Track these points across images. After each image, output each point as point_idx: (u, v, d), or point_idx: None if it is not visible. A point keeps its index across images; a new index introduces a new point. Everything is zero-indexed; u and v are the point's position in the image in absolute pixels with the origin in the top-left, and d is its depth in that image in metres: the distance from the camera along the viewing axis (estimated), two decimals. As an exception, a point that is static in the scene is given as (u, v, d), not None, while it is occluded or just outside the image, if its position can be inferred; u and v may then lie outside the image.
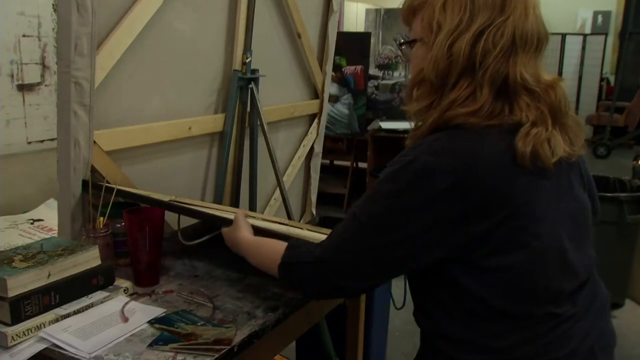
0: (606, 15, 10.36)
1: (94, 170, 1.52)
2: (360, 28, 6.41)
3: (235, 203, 2.15)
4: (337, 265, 1.05)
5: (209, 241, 1.72)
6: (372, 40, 5.54)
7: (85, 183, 1.50)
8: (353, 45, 5.26)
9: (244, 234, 1.34)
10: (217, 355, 1.10)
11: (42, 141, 2.41)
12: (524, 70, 0.98)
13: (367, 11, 5.92)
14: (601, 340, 1.07)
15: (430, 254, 0.99)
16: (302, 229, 1.71)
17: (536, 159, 0.96)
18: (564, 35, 9.02)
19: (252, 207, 2.17)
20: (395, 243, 0.98)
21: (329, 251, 1.06)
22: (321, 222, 2.30)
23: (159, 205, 1.48)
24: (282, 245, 1.19)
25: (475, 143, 0.96)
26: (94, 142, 1.50)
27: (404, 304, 1.67)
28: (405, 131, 5.00)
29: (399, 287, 1.61)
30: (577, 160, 1.09)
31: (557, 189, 1.03)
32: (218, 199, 2.05)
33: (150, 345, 1.13)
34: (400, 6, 1.13)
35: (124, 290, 1.34)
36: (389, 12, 5.63)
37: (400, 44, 1.12)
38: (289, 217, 2.21)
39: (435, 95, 1.01)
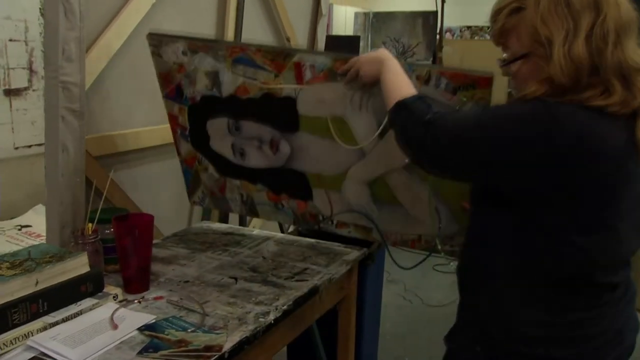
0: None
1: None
2: (349, 31, 6.43)
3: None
4: (436, 133, 1.12)
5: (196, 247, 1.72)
6: (361, 43, 5.55)
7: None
8: (342, 49, 5.27)
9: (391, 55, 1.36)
10: (207, 362, 1.09)
11: (29, 146, 2.39)
12: (633, 55, 1.04)
13: (356, 14, 5.93)
14: (629, 323, 1.20)
15: (499, 180, 1.09)
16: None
17: None
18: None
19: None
20: (493, 151, 1.05)
21: (440, 118, 1.13)
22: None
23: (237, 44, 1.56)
24: (413, 89, 1.25)
25: (596, 122, 1.02)
26: (82, 147, 1.49)
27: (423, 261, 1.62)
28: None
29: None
30: None
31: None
32: (208, 204, 2.03)
33: (140, 352, 1.11)
34: (390, 10, 1.16)
35: (113, 297, 1.32)
36: (377, 15, 5.65)
37: (506, 63, 1.16)
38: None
39: (569, 95, 1.05)
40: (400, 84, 1.27)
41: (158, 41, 1.59)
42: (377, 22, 5.60)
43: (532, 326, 1.12)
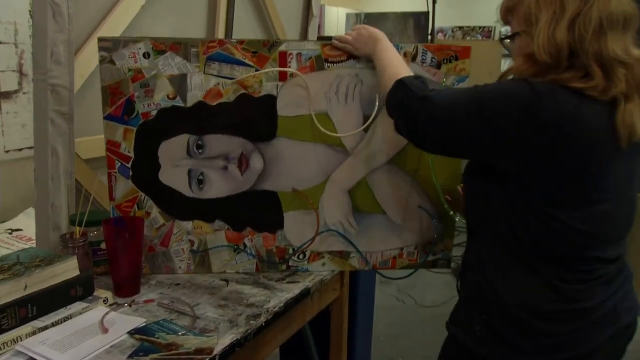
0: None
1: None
2: (341, 32, 6.43)
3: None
4: (431, 108, 1.18)
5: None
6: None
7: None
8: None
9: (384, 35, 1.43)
10: (198, 365, 1.09)
11: (20, 149, 2.38)
12: (615, 47, 1.09)
13: (348, 15, 5.94)
14: (624, 303, 1.23)
15: (487, 155, 1.16)
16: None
17: (631, 136, 1.09)
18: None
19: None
20: (481, 126, 1.11)
21: (436, 95, 1.19)
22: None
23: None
24: (409, 70, 1.33)
25: (575, 101, 1.08)
26: (72, 150, 1.48)
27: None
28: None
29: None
30: None
31: (628, 168, 1.17)
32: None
33: (130, 356, 1.11)
34: (382, 11, 1.19)
35: (104, 300, 1.32)
36: (369, 16, 5.65)
37: (503, 39, 1.26)
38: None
39: (551, 74, 1.11)
40: (397, 64, 1.34)
41: (113, 44, 1.40)
42: (369, 22, 5.60)
43: (529, 302, 1.17)
